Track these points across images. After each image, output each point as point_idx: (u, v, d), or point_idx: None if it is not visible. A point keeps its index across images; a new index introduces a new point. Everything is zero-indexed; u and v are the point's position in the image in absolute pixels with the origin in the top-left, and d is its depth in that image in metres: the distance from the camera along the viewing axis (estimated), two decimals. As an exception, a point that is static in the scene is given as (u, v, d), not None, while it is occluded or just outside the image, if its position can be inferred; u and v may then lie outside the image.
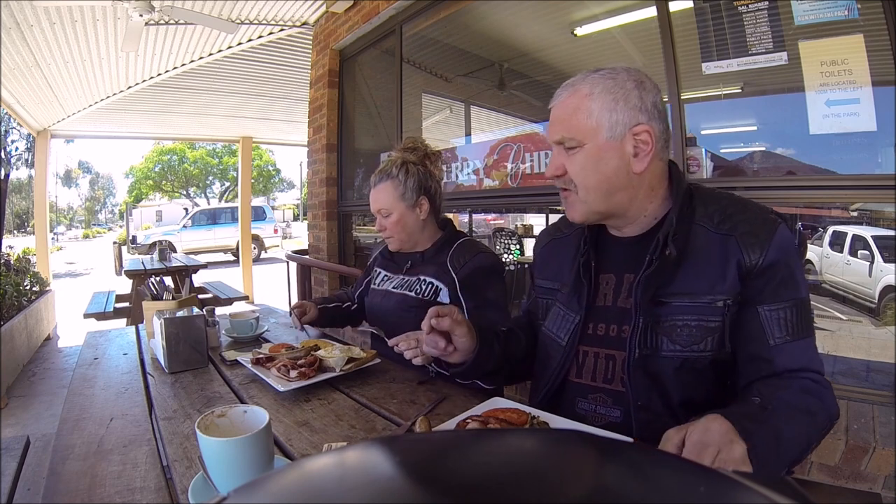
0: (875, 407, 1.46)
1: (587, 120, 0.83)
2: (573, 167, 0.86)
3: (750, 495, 0.24)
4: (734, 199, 0.88)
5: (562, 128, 0.86)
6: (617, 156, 0.83)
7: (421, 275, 1.41)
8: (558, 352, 0.96)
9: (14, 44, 3.74)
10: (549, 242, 1.10)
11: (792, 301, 0.80)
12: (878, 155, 1.50)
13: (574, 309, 0.94)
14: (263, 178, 25.83)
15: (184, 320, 1.24)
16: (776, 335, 0.79)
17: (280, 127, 7.47)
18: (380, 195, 1.44)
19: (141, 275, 4.41)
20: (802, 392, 0.76)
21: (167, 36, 4.01)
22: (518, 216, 8.22)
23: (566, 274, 0.99)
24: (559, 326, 0.97)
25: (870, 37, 1.48)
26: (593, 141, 0.83)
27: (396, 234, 1.45)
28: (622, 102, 0.82)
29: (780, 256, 0.80)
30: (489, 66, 3.33)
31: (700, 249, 0.83)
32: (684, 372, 0.83)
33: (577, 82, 0.86)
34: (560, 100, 0.87)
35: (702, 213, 0.86)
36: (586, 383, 0.93)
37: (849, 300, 1.94)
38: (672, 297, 0.83)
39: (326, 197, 4.06)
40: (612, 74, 0.85)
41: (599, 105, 0.83)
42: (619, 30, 2.38)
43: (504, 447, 0.31)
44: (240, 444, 0.64)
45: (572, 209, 0.90)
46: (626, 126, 0.82)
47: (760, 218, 0.83)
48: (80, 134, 7.88)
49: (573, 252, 0.99)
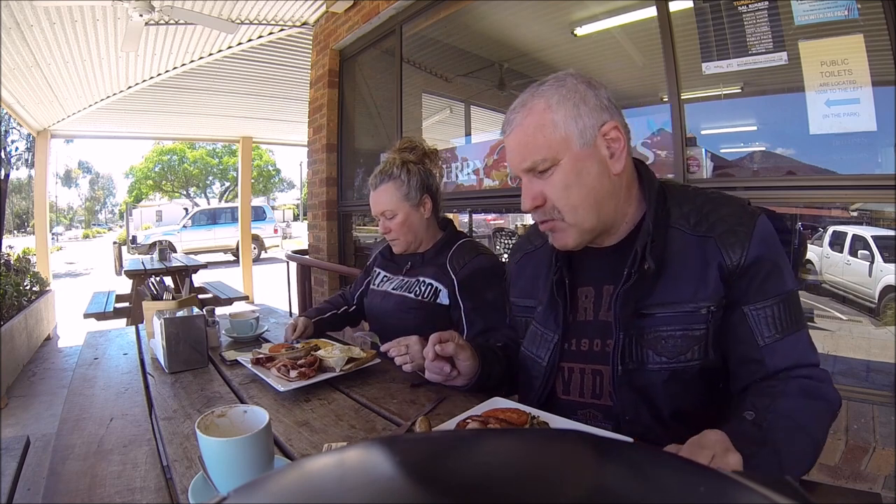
0: (875, 407, 1.46)
1: (554, 133, 0.78)
2: (554, 190, 0.80)
3: (750, 495, 0.24)
4: (708, 196, 0.84)
5: (529, 151, 0.80)
6: (595, 161, 0.79)
7: (421, 276, 1.40)
8: (540, 371, 0.93)
9: (14, 44, 3.74)
10: (522, 258, 1.06)
11: (778, 296, 0.77)
12: (878, 155, 1.50)
13: (551, 328, 0.91)
14: (263, 178, 25.83)
15: (184, 320, 1.24)
16: (765, 335, 0.76)
17: (280, 127, 7.48)
18: (382, 196, 1.42)
19: (141, 275, 4.41)
20: (802, 395, 0.72)
21: (167, 36, 4.01)
22: (518, 216, 8.22)
23: (540, 290, 0.96)
24: (538, 346, 0.94)
25: (870, 37, 1.48)
26: (567, 154, 0.78)
27: (402, 236, 1.42)
28: (583, 105, 0.78)
29: (763, 251, 0.77)
30: (489, 66, 3.33)
31: (678, 255, 0.80)
32: (673, 383, 0.80)
33: (527, 101, 0.81)
34: (515, 124, 0.81)
35: (677, 214, 0.82)
36: (575, 400, 0.90)
37: (849, 300, 1.94)
38: (654, 308, 0.80)
39: (326, 197, 4.06)
40: (560, 82, 0.80)
41: (562, 115, 0.78)
42: (619, 30, 2.38)
43: (504, 447, 0.31)
44: (240, 444, 0.64)
45: (562, 237, 0.84)
46: (595, 128, 0.79)
47: (737, 213, 0.80)
48: (80, 134, 7.88)
49: (545, 267, 0.95)
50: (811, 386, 0.74)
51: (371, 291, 1.55)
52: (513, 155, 0.83)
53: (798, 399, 0.72)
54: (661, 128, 1.99)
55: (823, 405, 0.74)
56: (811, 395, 0.73)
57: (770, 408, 0.70)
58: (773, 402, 0.71)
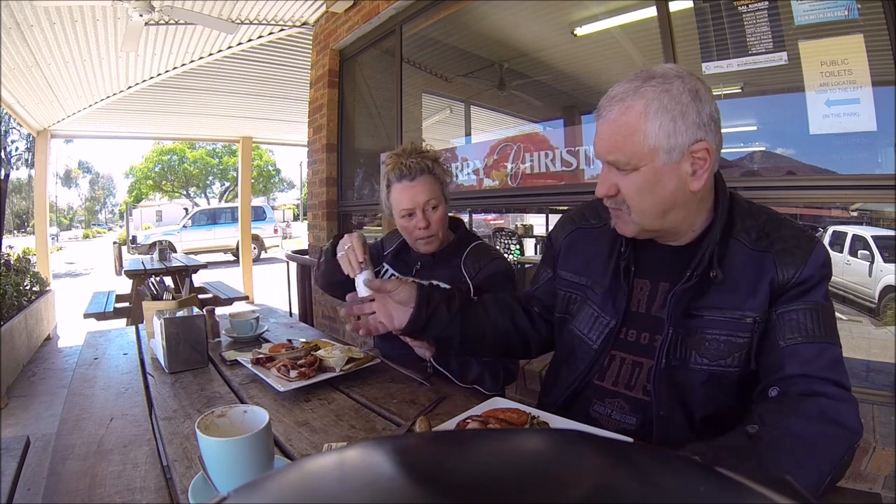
0: (875, 407, 1.46)
1: (643, 143, 0.76)
2: (627, 188, 0.80)
3: (750, 495, 0.24)
4: (771, 215, 0.86)
5: (615, 149, 0.79)
6: (675, 177, 0.78)
7: (434, 279, 1.33)
8: (588, 353, 0.93)
9: (14, 44, 3.74)
10: (574, 231, 1.04)
11: (809, 304, 0.77)
12: (878, 155, 1.50)
13: (609, 312, 0.91)
14: (263, 178, 25.83)
15: (184, 320, 1.24)
16: (787, 336, 0.76)
17: (280, 127, 7.47)
18: (423, 187, 1.31)
19: (141, 275, 4.41)
20: (817, 419, 0.69)
21: (167, 36, 4.01)
22: (518, 216, 8.22)
23: (598, 271, 0.95)
24: (591, 327, 0.94)
25: (870, 37, 1.47)
26: (650, 164, 0.77)
27: (440, 231, 1.35)
28: (680, 121, 0.75)
29: (814, 272, 0.78)
30: (489, 66, 3.33)
31: (736, 265, 0.81)
32: (710, 386, 0.81)
33: (627, 96, 0.77)
34: (611, 116, 0.79)
35: (739, 227, 0.84)
36: (607, 387, 0.91)
37: (849, 300, 1.94)
38: (704, 310, 0.82)
39: (326, 197, 4.06)
40: (667, 86, 0.76)
41: (657, 126, 0.75)
42: (619, 30, 2.38)
43: (504, 447, 0.31)
44: (240, 444, 0.64)
45: (623, 226, 0.86)
46: (686, 146, 0.76)
47: (797, 236, 0.81)
48: (80, 134, 7.88)
49: (605, 248, 0.95)
50: (831, 408, 0.70)
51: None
52: (600, 142, 0.82)
53: (811, 422, 0.68)
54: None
55: (839, 433, 0.69)
56: (828, 419, 0.69)
57: (778, 424, 0.68)
58: (783, 419, 0.69)
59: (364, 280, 1.08)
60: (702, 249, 0.82)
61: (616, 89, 0.79)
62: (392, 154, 1.36)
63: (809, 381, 0.73)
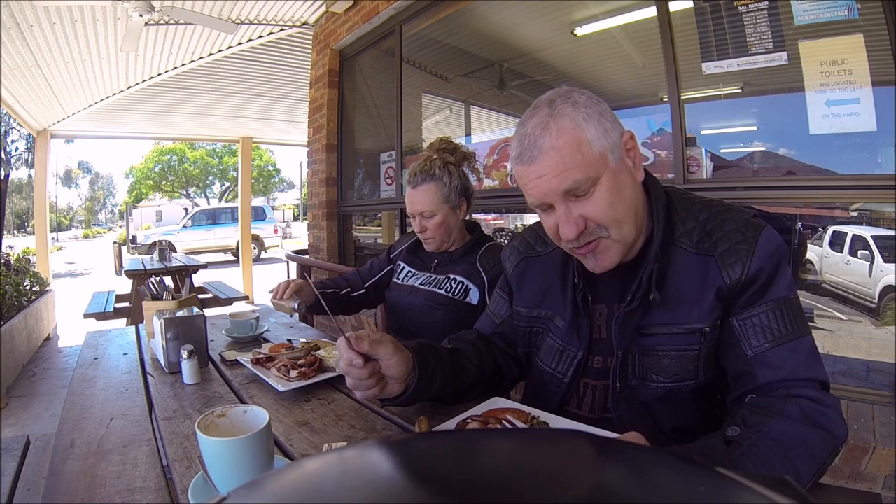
0: (875, 407, 1.46)
1: (591, 151, 0.74)
2: (597, 209, 0.75)
3: (750, 495, 0.24)
4: (712, 210, 0.82)
5: (569, 172, 0.73)
6: (628, 174, 0.78)
7: (451, 273, 1.41)
8: (560, 386, 0.92)
9: (14, 44, 3.74)
10: (521, 262, 1.01)
11: (768, 304, 0.74)
12: (878, 155, 1.50)
13: (575, 344, 0.90)
14: (263, 178, 25.84)
15: (184, 320, 1.24)
16: (753, 344, 0.73)
17: (280, 127, 7.48)
18: (423, 196, 1.39)
19: (141, 275, 4.41)
20: (800, 420, 0.67)
21: (167, 36, 4.01)
22: (518, 216, 8.22)
23: (557, 301, 0.93)
24: (558, 361, 0.92)
25: (870, 37, 1.48)
26: (606, 169, 0.75)
27: (438, 236, 1.42)
28: (604, 119, 0.75)
29: (764, 264, 0.75)
30: (489, 66, 3.33)
31: (679, 276, 0.79)
32: (669, 402, 0.81)
33: (548, 123, 0.74)
34: (546, 146, 0.74)
35: (681, 231, 0.81)
36: (584, 415, 0.90)
37: (849, 300, 1.94)
38: (653, 328, 0.81)
39: (326, 197, 4.07)
40: (569, 99, 0.76)
41: (593, 132, 0.74)
42: (619, 30, 2.38)
43: (504, 447, 0.31)
44: (240, 444, 0.64)
45: (606, 258, 0.80)
46: (618, 140, 0.77)
47: (741, 229, 0.77)
48: (80, 134, 7.88)
49: (556, 276, 0.93)
50: (814, 411, 0.68)
51: (395, 285, 1.54)
52: (547, 180, 0.75)
53: (794, 424, 0.66)
54: (661, 128, 1.99)
55: (823, 436, 0.67)
56: (812, 421, 0.67)
57: (759, 427, 0.65)
58: (765, 421, 0.66)
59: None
60: (642, 272, 0.79)
61: (530, 128, 0.76)
62: (424, 151, 1.47)
63: (787, 386, 0.71)
